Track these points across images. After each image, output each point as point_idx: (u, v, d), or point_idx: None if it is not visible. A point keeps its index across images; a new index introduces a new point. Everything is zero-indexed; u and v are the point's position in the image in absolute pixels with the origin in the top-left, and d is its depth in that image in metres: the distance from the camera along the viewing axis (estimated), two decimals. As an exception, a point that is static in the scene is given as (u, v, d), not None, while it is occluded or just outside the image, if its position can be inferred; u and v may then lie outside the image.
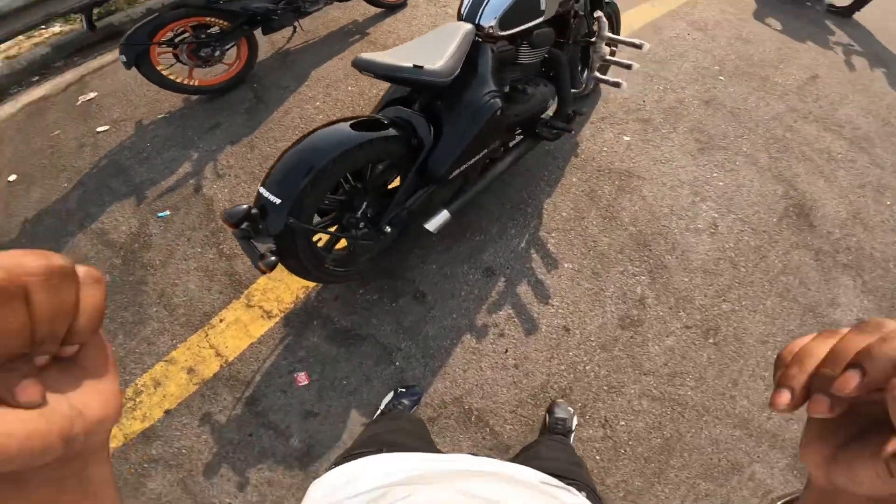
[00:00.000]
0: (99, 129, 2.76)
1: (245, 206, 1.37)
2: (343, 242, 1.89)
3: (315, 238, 1.66)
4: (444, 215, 1.84)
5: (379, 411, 1.74)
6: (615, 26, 2.55)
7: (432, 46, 1.66)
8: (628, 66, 2.26)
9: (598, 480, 1.63)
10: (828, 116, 2.85)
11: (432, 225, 1.83)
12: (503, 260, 2.10)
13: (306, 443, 1.70)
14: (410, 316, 1.94)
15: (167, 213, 2.32)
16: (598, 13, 2.09)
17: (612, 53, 2.46)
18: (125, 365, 1.90)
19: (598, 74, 2.27)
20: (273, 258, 1.40)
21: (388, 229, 1.77)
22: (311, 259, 1.62)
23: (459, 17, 1.82)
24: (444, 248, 2.13)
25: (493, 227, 2.19)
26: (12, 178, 2.63)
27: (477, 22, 1.74)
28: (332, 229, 1.73)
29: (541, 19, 1.84)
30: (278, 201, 1.41)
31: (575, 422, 1.70)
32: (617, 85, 2.26)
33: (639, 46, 2.17)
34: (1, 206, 2.52)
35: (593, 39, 2.13)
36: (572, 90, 2.26)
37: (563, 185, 2.36)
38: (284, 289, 2.02)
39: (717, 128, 2.68)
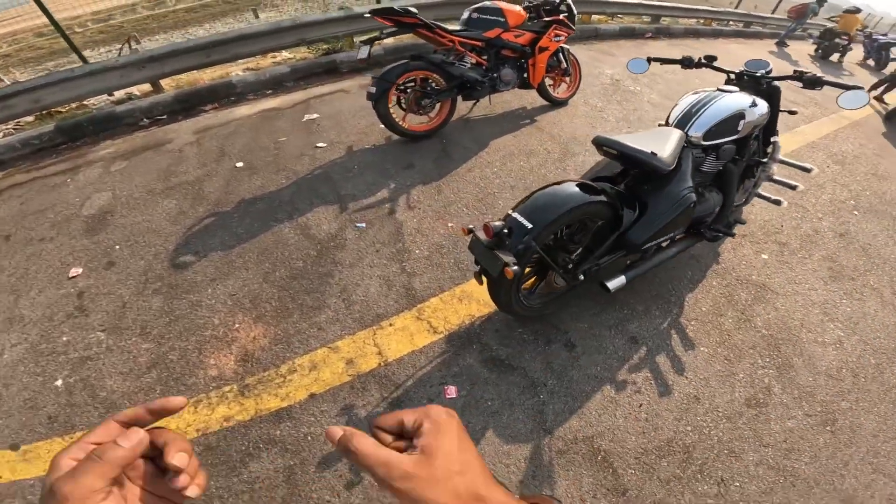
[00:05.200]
0: (318, 144, 3.42)
1: (500, 223, 1.72)
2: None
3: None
4: (621, 279, 2.18)
5: None
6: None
7: (655, 141, 2.02)
8: (793, 188, 2.58)
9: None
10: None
11: (612, 284, 2.16)
12: (646, 333, 2.34)
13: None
14: (559, 360, 2.20)
15: (363, 224, 2.81)
16: (776, 138, 2.43)
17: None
18: (290, 343, 2.18)
19: (760, 191, 2.58)
20: (517, 266, 1.68)
21: (582, 277, 2.10)
22: (516, 283, 1.97)
23: (667, 124, 2.26)
24: (594, 313, 2.41)
25: (639, 305, 2.47)
26: (239, 164, 3.27)
27: (686, 131, 2.15)
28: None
29: (734, 137, 2.22)
30: (530, 226, 1.74)
31: None
32: (778, 203, 2.58)
33: (808, 170, 2.50)
34: (224, 183, 3.12)
35: (765, 160, 2.44)
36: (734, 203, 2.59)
37: (704, 286, 2.63)
38: (453, 312, 2.36)
39: (849, 260, 2.91)
